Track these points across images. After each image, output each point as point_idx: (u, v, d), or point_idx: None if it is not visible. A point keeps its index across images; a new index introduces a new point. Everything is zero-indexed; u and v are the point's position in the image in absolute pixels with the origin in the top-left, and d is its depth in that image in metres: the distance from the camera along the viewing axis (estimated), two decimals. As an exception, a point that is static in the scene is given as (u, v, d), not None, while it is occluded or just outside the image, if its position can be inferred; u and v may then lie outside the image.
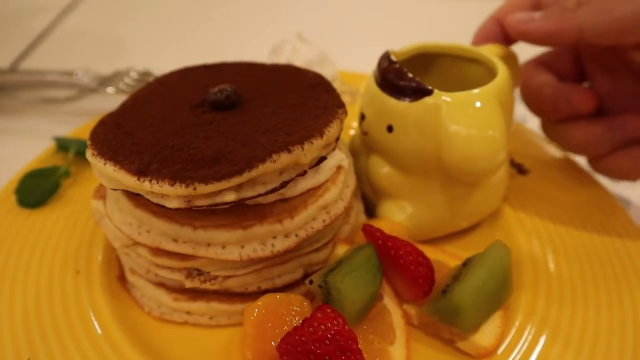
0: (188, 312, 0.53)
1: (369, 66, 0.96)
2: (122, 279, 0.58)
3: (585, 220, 0.65)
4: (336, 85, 0.63)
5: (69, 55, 1.11)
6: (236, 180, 0.44)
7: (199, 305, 0.53)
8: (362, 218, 0.61)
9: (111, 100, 0.71)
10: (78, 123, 0.81)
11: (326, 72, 0.67)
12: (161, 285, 0.54)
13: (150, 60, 0.95)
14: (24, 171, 0.67)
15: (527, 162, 0.74)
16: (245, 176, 0.44)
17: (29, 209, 0.63)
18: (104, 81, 0.88)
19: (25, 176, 0.65)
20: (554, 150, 0.76)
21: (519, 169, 0.74)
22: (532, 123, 0.81)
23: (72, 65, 0.92)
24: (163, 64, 0.79)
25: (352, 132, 0.81)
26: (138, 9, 1.32)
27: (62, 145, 0.71)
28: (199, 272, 0.51)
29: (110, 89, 0.86)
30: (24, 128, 0.87)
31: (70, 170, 0.68)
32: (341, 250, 0.55)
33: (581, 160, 0.74)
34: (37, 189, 0.64)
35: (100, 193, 0.57)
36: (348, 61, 0.87)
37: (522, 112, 0.78)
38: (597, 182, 0.71)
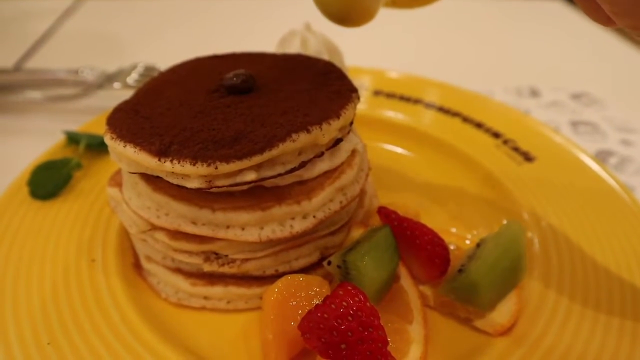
0: (205, 297, 0.53)
1: (373, 61, 0.98)
2: (137, 266, 0.58)
3: (590, 204, 0.66)
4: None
5: (71, 56, 1.12)
6: (257, 159, 0.44)
7: (216, 290, 0.53)
8: (376, 202, 0.62)
9: (117, 97, 0.71)
10: (85, 120, 0.81)
11: (336, 62, 0.67)
12: (178, 270, 0.54)
13: (154, 57, 0.95)
14: (36, 163, 0.67)
15: (533, 150, 0.76)
16: (266, 155, 0.44)
17: (41, 201, 0.63)
18: (110, 78, 0.89)
19: (37, 168, 0.65)
20: (559, 139, 0.78)
21: (525, 156, 0.75)
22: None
23: (74, 65, 0.92)
24: (168, 60, 0.79)
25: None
26: (138, 9, 1.33)
27: (73, 138, 0.71)
28: (217, 256, 0.51)
29: (116, 84, 0.86)
30: (32, 126, 0.87)
31: (81, 162, 0.68)
32: (356, 233, 0.55)
33: (587, 146, 0.75)
34: (49, 181, 0.64)
35: (116, 180, 0.57)
36: (352, 56, 0.89)
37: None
38: (604, 168, 0.72)
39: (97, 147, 0.70)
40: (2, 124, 0.87)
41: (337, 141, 0.51)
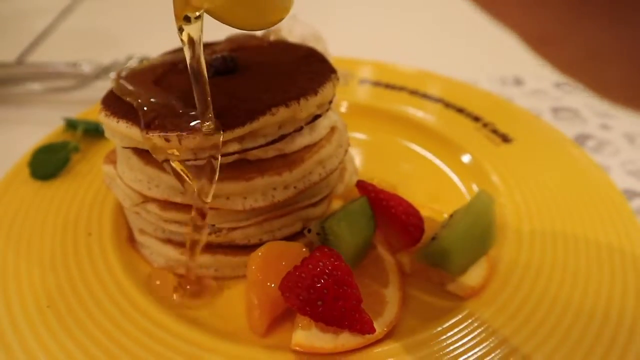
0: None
1: (361, 51, 1.01)
2: (131, 240, 0.61)
3: (564, 181, 0.69)
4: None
5: (70, 50, 1.16)
6: (239, 132, 0.48)
7: (205, 259, 0.56)
8: (356, 178, 0.65)
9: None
10: (82, 109, 0.85)
11: (319, 49, 0.71)
12: (169, 241, 0.57)
13: (149, 50, 0.99)
14: (36, 147, 0.70)
15: (511, 133, 0.79)
16: (247, 127, 0.48)
17: (41, 181, 0.67)
18: (106, 69, 0.92)
19: (37, 151, 0.69)
20: (536, 122, 0.81)
21: (503, 138, 0.78)
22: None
23: (73, 59, 0.96)
24: (162, 52, 0.83)
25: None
26: (134, 5, 1.38)
27: (71, 124, 0.75)
28: (205, 226, 0.55)
29: (112, 74, 0.90)
30: (32, 116, 0.91)
31: (79, 146, 0.72)
32: (337, 205, 0.59)
33: (567, 130, 0.78)
34: (48, 163, 0.68)
35: (110, 158, 0.61)
36: (341, 47, 0.92)
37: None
38: (579, 149, 0.75)
39: (93, 132, 0.74)
40: (4, 114, 0.91)
41: (316, 117, 0.54)
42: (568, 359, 0.48)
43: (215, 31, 0.54)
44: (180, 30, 0.45)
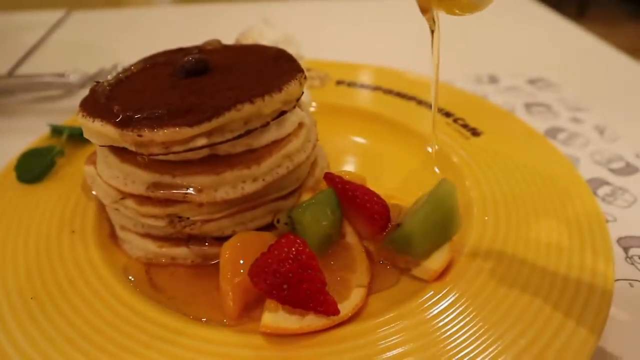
0: (173, 258, 0.60)
1: (337, 55, 1.05)
2: (112, 236, 0.64)
3: (530, 171, 0.72)
4: (300, 63, 0.70)
5: (59, 63, 1.19)
6: (206, 127, 0.51)
7: (181, 250, 0.59)
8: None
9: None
10: (69, 117, 0.88)
11: (291, 51, 0.74)
12: (147, 235, 0.60)
13: (133, 59, 1.03)
14: (22, 151, 0.74)
15: (481, 127, 0.82)
16: (214, 122, 0.51)
17: (27, 184, 0.70)
18: (92, 78, 0.96)
19: (23, 155, 0.72)
20: (505, 116, 0.84)
21: (473, 132, 0.82)
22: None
23: (61, 70, 1.00)
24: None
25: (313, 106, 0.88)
26: (119, 19, 1.43)
27: (56, 130, 0.78)
28: (180, 219, 0.58)
29: (98, 83, 0.93)
30: (21, 125, 0.94)
31: (64, 150, 0.75)
32: (306, 197, 0.62)
33: (539, 124, 0.81)
34: (34, 166, 0.71)
35: (91, 159, 0.64)
36: (317, 50, 0.96)
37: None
38: (546, 140, 0.78)
39: (78, 137, 0.77)
40: (-5, 125, 0.95)
41: (282, 113, 0.57)
42: (523, 334, 0.50)
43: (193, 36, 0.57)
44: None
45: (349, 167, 0.74)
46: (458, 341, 0.50)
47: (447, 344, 0.49)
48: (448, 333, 0.51)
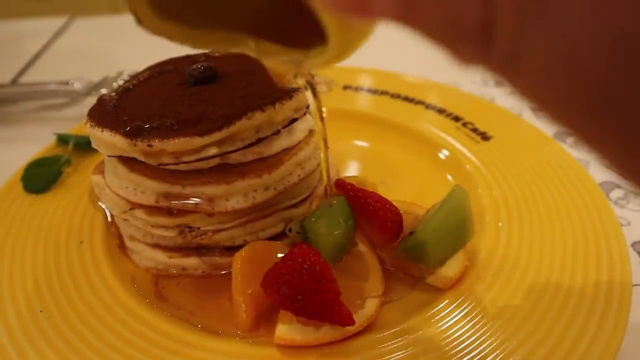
0: (183, 268, 0.59)
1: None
2: (121, 247, 0.63)
3: (541, 175, 0.71)
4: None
5: (63, 70, 1.19)
6: (217, 136, 0.50)
7: (191, 261, 0.58)
8: (337, 179, 0.68)
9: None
10: (74, 125, 0.87)
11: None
12: (157, 246, 0.60)
13: (138, 66, 1.02)
14: (28, 161, 0.73)
15: (490, 131, 0.81)
16: (225, 132, 0.50)
17: (34, 195, 0.69)
18: (96, 86, 0.95)
19: (30, 165, 0.72)
20: (514, 119, 0.84)
21: (483, 136, 0.81)
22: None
23: (65, 77, 0.99)
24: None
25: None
26: (122, 24, 1.42)
27: (62, 139, 0.78)
28: (191, 229, 0.57)
29: (103, 90, 0.93)
30: (26, 134, 0.93)
31: (71, 159, 0.74)
32: (318, 205, 0.61)
33: (546, 127, 0.80)
34: (41, 176, 0.70)
35: (99, 169, 0.63)
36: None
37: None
38: (557, 144, 0.77)
39: (84, 145, 0.77)
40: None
41: (293, 120, 0.57)
42: (543, 343, 0.49)
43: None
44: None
45: (359, 173, 0.73)
46: (475, 352, 0.49)
47: (464, 355, 0.49)
48: (465, 343, 0.50)
